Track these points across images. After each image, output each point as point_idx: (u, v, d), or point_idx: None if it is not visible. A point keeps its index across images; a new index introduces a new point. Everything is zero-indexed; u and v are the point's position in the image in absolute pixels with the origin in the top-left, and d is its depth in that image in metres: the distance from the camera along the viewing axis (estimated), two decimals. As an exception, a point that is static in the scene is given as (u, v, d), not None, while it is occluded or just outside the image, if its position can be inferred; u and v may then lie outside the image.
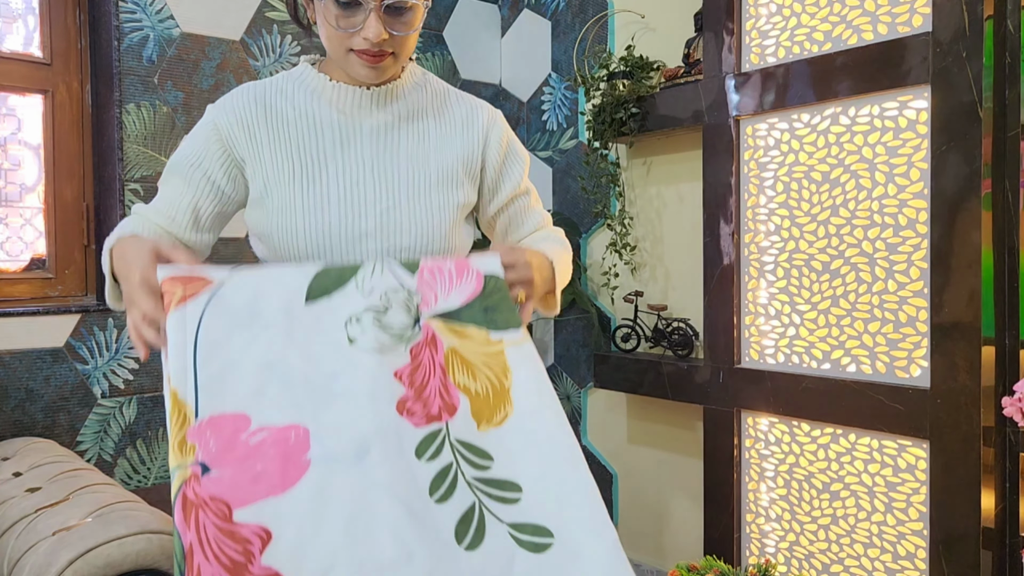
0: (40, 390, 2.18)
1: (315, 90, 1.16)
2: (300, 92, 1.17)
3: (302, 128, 1.15)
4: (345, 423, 0.94)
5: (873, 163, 1.86)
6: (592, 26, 2.75)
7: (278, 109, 1.15)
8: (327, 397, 0.95)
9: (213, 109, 1.17)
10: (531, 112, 3.02)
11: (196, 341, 0.93)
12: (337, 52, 1.10)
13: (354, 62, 1.10)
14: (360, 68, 1.10)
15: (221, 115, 1.15)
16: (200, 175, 1.15)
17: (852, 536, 1.92)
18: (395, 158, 1.17)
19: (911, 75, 1.76)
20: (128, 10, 2.30)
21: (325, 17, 1.08)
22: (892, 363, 1.84)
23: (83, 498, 1.54)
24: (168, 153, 2.38)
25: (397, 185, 1.17)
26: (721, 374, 2.14)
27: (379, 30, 1.06)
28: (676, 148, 2.49)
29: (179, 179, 1.16)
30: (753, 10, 2.09)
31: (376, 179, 1.16)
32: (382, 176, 1.16)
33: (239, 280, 0.98)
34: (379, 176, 1.16)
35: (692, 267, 2.43)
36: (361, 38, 1.07)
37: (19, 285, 2.28)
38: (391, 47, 1.09)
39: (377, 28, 1.06)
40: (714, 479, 2.17)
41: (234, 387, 0.92)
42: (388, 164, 1.17)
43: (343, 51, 1.09)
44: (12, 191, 2.32)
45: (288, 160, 1.14)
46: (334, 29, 1.07)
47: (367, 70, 1.10)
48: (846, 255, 1.92)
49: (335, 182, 1.14)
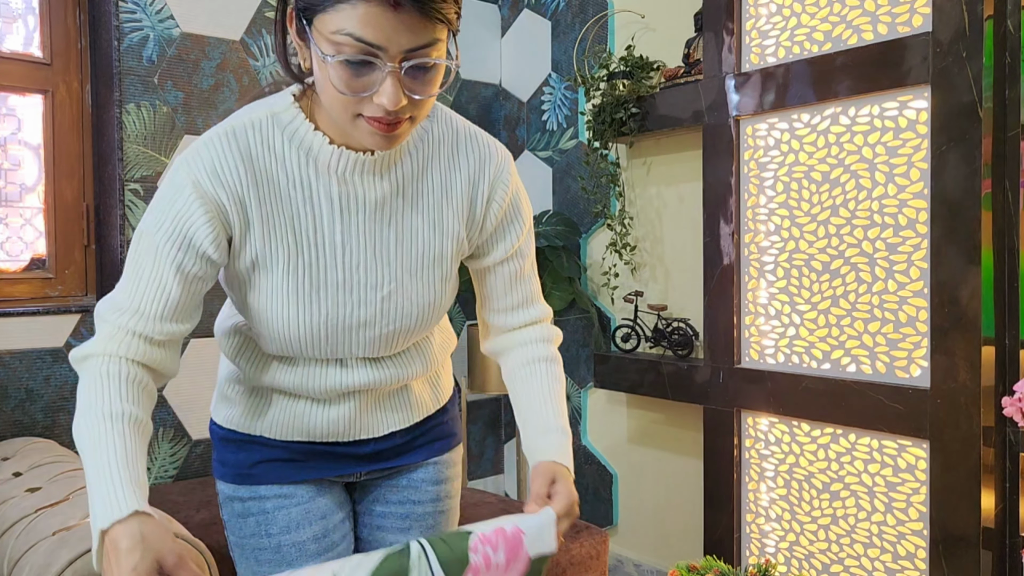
0: (40, 390, 2.18)
1: (310, 150, 0.97)
2: (292, 150, 0.97)
3: (296, 200, 0.98)
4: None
5: (873, 163, 1.86)
6: (592, 26, 2.75)
7: (269, 174, 0.96)
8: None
9: (191, 169, 0.94)
10: (531, 112, 3.02)
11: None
12: (342, 116, 0.90)
13: (363, 129, 0.90)
14: (369, 136, 0.91)
15: (204, 179, 0.94)
16: (176, 253, 0.94)
17: (852, 536, 1.92)
18: (396, 233, 1.03)
19: (911, 75, 1.76)
20: (128, 10, 2.30)
21: (329, 75, 0.86)
22: (892, 363, 1.84)
23: (83, 498, 1.54)
24: (168, 153, 2.38)
25: (399, 265, 1.04)
26: (721, 374, 2.14)
27: (398, 96, 0.86)
28: (676, 148, 2.49)
29: (150, 258, 0.94)
30: (753, 10, 2.08)
31: (377, 260, 1.02)
32: (383, 255, 1.02)
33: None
34: (379, 256, 1.02)
35: (692, 267, 2.43)
36: (375, 104, 0.87)
37: (19, 285, 2.28)
38: (409, 111, 0.90)
39: (396, 94, 0.86)
40: (714, 479, 2.17)
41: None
42: (389, 241, 1.02)
43: (349, 116, 0.90)
44: (12, 191, 2.32)
45: (282, 239, 0.98)
46: (339, 92, 0.87)
47: (378, 139, 0.91)
48: (846, 255, 1.91)
49: (332, 266, 1.00)
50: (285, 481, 1.12)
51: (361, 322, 1.04)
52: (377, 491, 1.21)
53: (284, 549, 1.10)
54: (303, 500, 1.12)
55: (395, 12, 0.82)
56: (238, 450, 1.13)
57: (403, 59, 0.85)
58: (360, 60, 0.84)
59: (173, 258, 0.94)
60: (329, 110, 0.91)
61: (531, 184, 3.00)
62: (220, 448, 1.16)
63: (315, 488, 1.14)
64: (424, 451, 1.21)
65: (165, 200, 0.95)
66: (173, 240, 0.93)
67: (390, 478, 1.20)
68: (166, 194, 0.95)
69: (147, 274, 0.94)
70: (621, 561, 2.70)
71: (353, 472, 1.16)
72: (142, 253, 0.95)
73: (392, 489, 1.20)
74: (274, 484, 1.12)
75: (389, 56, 0.84)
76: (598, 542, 2.12)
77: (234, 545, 1.14)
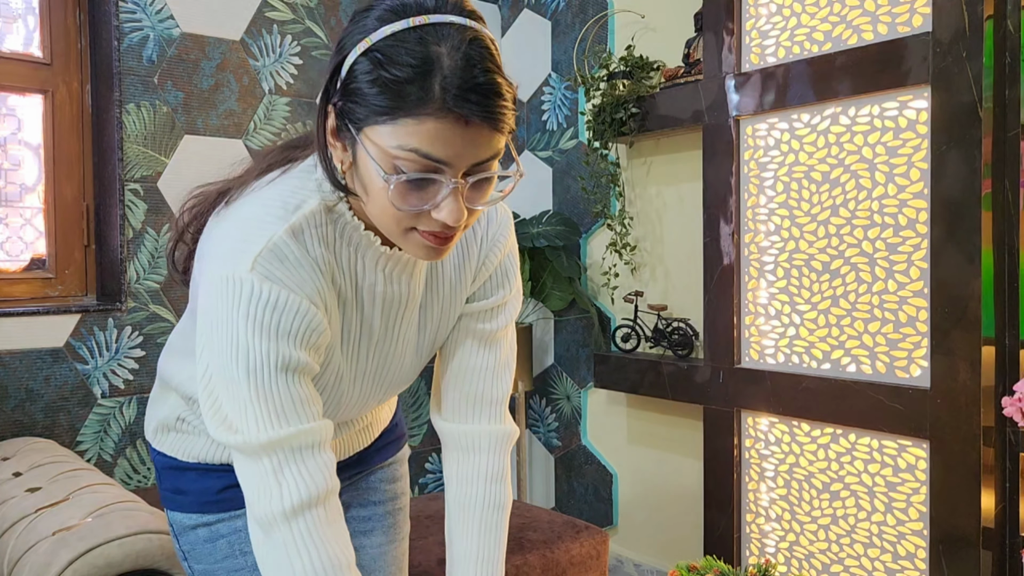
0: (40, 390, 2.18)
1: (359, 247, 0.92)
2: (343, 246, 0.91)
3: (348, 295, 0.93)
4: None
5: (873, 163, 1.86)
6: (592, 26, 2.75)
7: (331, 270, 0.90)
8: None
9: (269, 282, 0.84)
10: (531, 112, 3.02)
11: None
12: (393, 230, 0.84)
13: (414, 242, 0.85)
14: (420, 249, 0.85)
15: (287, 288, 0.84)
16: (300, 353, 0.87)
17: (852, 536, 1.92)
18: (424, 322, 1.03)
19: (911, 75, 1.76)
20: (128, 10, 2.30)
21: (382, 188, 0.80)
22: (892, 363, 1.84)
23: (83, 498, 1.54)
24: (168, 153, 2.38)
25: (416, 351, 1.05)
26: (721, 374, 2.14)
27: (461, 212, 0.81)
28: (676, 148, 2.49)
29: (278, 380, 0.85)
30: (753, 10, 2.08)
31: (406, 347, 1.02)
32: (411, 342, 1.03)
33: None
34: (408, 343, 1.02)
35: (692, 267, 2.43)
36: (433, 218, 0.81)
37: (19, 285, 2.28)
38: (464, 222, 0.84)
39: (459, 210, 0.81)
40: (714, 479, 2.17)
41: None
42: (416, 330, 1.02)
43: (401, 229, 0.84)
44: (12, 191, 2.32)
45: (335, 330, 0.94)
46: (396, 208, 0.81)
47: (430, 251, 0.85)
48: (846, 255, 1.91)
49: (367, 358, 0.99)
50: None
51: (374, 398, 1.07)
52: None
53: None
54: None
55: (466, 128, 0.77)
56: (200, 478, 1.05)
57: (467, 173, 0.80)
58: (423, 177, 0.79)
59: (303, 361, 0.86)
60: (378, 220, 0.85)
61: (531, 184, 3.00)
62: (172, 477, 1.07)
63: None
64: (380, 455, 1.25)
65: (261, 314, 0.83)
66: (295, 343, 0.85)
67: (353, 485, 1.22)
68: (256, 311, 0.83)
69: (281, 391, 0.85)
70: (621, 561, 2.70)
71: None
72: (271, 390, 0.84)
73: (353, 495, 1.22)
74: (242, 508, 1.03)
75: (454, 172, 0.79)
76: (598, 542, 2.12)
77: (202, 573, 1.06)
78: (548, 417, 2.99)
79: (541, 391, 3.02)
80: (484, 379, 1.08)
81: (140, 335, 2.33)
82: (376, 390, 1.06)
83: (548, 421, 2.99)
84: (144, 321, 2.34)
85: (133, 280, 2.32)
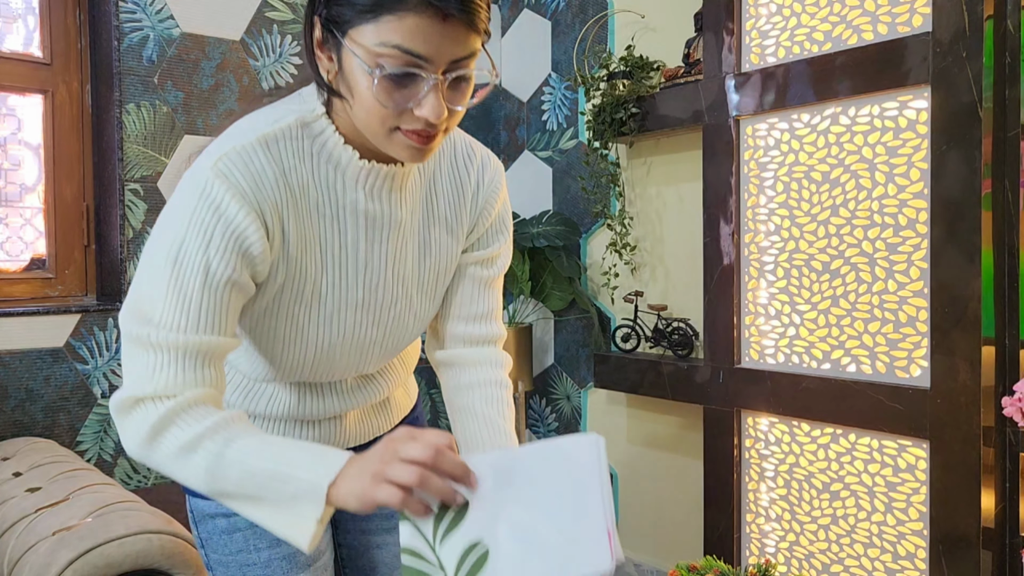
0: (40, 390, 2.18)
1: (339, 164, 0.94)
2: (321, 163, 0.93)
3: (326, 216, 0.95)
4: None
5: (873, 163, 1.86)
6: (592, 26, 2.75)
7: (303, 188, 0.92)
8: None
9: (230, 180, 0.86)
10: (531, 112, 3.02)
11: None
12: (377, 129, 0.87)
13: (399, 142, 0.88)
14: (405, 150, 0.88)
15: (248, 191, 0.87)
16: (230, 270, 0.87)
17: (852, 536, 1.92)
18: (414, 251, 1.03)
19: (911, 75, 1.76)
20: (128, 10, 2.30)
21: (367, 86, 0.84)
22: (892, 363, 1.84)
23: (83, 498, 1.54)
24: (168, 153, 2.38)
25: (413, 282, 1.04)
26: (721, 374, 2.14)
27: (441, 108, 0.85)
28: (676, 148, 2.49)
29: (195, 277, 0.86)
30: (753, 10, 2.08)
31: (395, 278, 1.01)
32: (400, 273, 1.02)
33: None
34: (398, 274, 1.01)
35: (692, 267, 2.43)
36: (415, 115, 0.85)
37: (19, 285, 2.28)
38: (445, 123, 0.88)
39: (439, 106, 0.85)
40: (714, 479, 2.17)
41: None
42: (407, 259, 1.02)
43: (385, 129, 0.87)
44: (12, 191, 2.32)
45: (312, 258, 0.95)
46: (381, 105, 0.84)
47: (414, 152, 0.89)
48: (846, 255, 1.91)
49: (354, 285, 0.98)
50: None
51: (372, 341, 1.03)
52: None
53: (274, 564, 1.08)
54: None
55: (444, 23, 0.81)
56: None
57: (446, 70, 0.84)
58: (405, 72, 0.82)
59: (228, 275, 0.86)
60: (364, 123, 0.88)
61: (531, 184, 3.00)
62: None
63: None
64: None
65: (207, 214, 0.85)
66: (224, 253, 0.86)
67: None
68: (200, 207, 0.85)
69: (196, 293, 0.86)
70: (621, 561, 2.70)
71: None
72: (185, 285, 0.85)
73: None
74: None
75: (435, 67, 0.83)
76: (598, 542, 2.12)
77: (217, 563, 1.10)
78: (548, 417, 3.00)
79: (541, 391, 3.02)
80: (482, 320, 1.12)
81: (140, 335, 2.33)
82: (373, 328, 1.02)
83: (548, 421, 2.99)
84: (144, 321, 2.34)
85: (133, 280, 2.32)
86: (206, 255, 0.85)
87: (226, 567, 1.09)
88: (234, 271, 0.87)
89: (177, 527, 1.46)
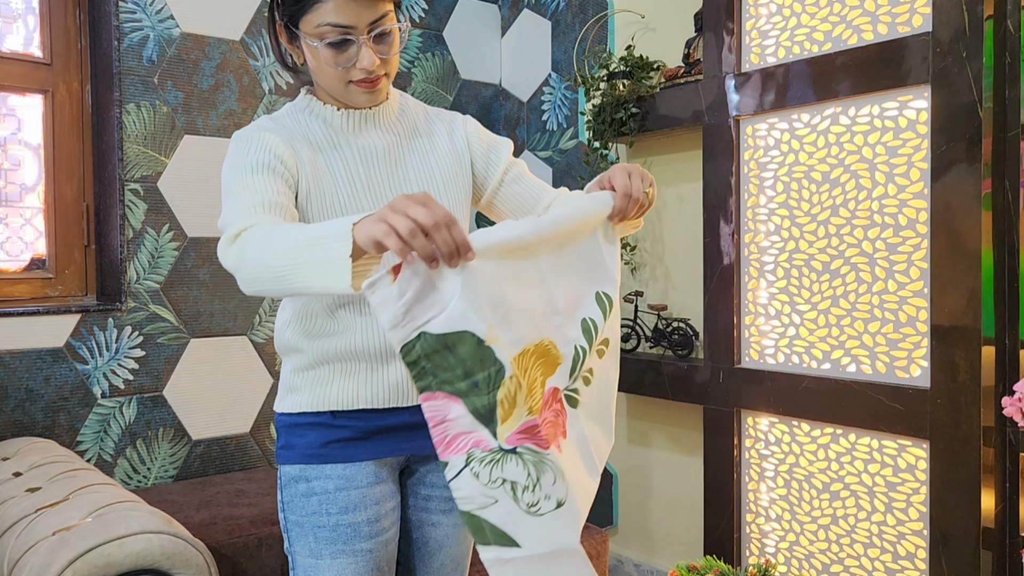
0: (40, 390, 2.18)
1: (326, 119, 1.25)
2: (314, 122, 1.26)
3: (327, 153, 1.24)
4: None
5: (873, 163, 1.86)
6: (592, 26, 2.75)
7: (306, 137, 1.24)
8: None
9: (258, 128, 1.21)
10: (531, 112, 3.02)
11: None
12: (337, 87, 1.21)
13: (355, 92, 1.21)
14: (360, 95, 1.22)
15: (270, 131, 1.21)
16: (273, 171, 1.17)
17: (852, 536, 1.92)
18: (407, 175, 1.28)
19: (911, 75, 1.76)
20: (128, 10, 2.30)
21: (320, 58, 1.17)
22: (892, 363, 1.84)
23: (83, 498, 1.54)
24: (168, 153, 2.38)
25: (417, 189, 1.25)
26: (721, 374, 2.14)
27: (373, 59, 1.17)
28: (676, 148, 2.49)
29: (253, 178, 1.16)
30: (753, 10, 2.09)
31: (398, 191, 1.24)
32: (401, 187, 1.26)
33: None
34: (400, 188, 1.25)
35: (692, 267, 2.43)
36: (358, 69, 1.18)
37: (19, 285, 2.28)
38: (383, 69, 1.20)
39: (371, 57, 1.17)
40: (714, 479, 2.17)
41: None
42: (402, 181, 1.27)
43: (342, 85, 1.20)
44: (12, 191, 2.32)
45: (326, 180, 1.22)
46: (332, 68, 1.17)
47: (367, 95, 1.22)
48: (846, 255, 1.92)
49: (365, 199, 1.23)
50: (352, 460, 1.24)
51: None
52: (423, 475, 1.33)
53: (340, 528, 1.21)
54: (362, 485, 1.24)
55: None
56: (307, 432, 1.25)
57: (368, 31, 1.16)
58: (340, 39, 1.15)
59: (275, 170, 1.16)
60: (327, 85, 1.21)
61: (531, 184, 2.99)
62: (287, 434, 1.27)
63: (374, 475, 1.25)
64: None
65: (246, 144, 1.18)
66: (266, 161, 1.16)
67: (434, 462, 1.31)
68: (241, 146, 1.18)
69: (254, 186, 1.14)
70: (621, 561, 2.70)
71: (405, 452, 1.28)
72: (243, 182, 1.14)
73: (436, 473, 1.32)
74: (339, 463, 1.23)
75: (359, 31, 1.15)
76: (598, 542, 2.12)
77: (293, 523, 1.25)
78: (548, 417, 2.99)
79: (541, 391, 3.01)
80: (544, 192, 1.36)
81: (140, 335, 2.33)
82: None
83: (548, 421, 2.99)
84: (144, 321, 2.34)
85: (133, 280, 2.32)
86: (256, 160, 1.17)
87: (300, 527, 1.24)
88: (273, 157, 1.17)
89: (177, 527, 1.46)
